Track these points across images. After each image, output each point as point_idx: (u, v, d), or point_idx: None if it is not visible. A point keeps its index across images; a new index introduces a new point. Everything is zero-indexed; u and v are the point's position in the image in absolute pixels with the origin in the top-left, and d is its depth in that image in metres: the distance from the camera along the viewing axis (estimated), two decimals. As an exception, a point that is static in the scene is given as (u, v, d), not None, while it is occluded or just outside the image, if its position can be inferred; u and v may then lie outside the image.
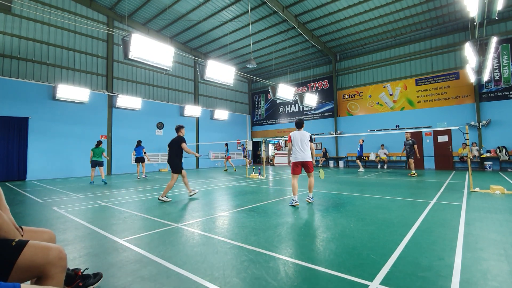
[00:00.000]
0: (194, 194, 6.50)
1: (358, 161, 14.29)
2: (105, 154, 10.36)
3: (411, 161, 10.94)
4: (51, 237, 1.82)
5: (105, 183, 9.81)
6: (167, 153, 16.70)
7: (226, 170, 15.84)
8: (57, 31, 12.98)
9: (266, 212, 4.74)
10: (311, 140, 5.52)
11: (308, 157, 5.33)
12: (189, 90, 19.02)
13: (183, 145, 6.23)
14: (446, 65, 14.53)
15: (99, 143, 10.36)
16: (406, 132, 11.27)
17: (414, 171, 10.87)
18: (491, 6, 5.41)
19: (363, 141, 14.39)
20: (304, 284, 2.16)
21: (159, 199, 6.04)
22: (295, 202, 5.17)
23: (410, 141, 10.92)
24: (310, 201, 5.39)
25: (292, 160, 5.43)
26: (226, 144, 16.16)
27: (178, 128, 6.42)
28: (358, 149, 14.08)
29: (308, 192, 5.50)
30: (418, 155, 10.91)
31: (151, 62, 8.00)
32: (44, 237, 1.76)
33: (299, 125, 5.66)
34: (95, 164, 10.11)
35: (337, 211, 4.74)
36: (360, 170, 13.89)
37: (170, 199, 6.09)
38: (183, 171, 6.43)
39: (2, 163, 11.08)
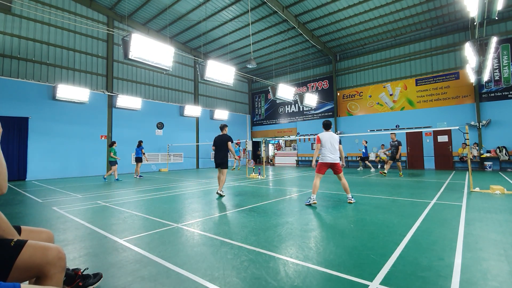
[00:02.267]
0: (222, 194, 6.56)
1: (367, 162, 14.40)
2: (112, 154, 10.85)
3: (389, 162, 11.06)
4: (49, 236, 1.82)
5: (116, 180, 10.72)
6: (166, 153, 16.86)
7: (234, 169, 16.81)
8: (57, 31, 12.98)
9: (266, 212, 4.73)
10: (340, 143, 5.56)
11: (337, 159, 5.39)
12: (189, 90, 19.02)
13: (229, 144, 6.60)
14: (446, 65, 14.53)
15: (111, 143, 11.10)
16: (391, 133, 11.16)
17: (385, 172, 11.05)
18: (491, 6, 5.41)
19: (366, 142, 14.56)
20: (304, 284, 2.16)
21: (217, 193, 6.50)
22: (313, 201, 5.17)
23: (396, 142, 10.92)
24: (352, 201, 5.35)
25: (321, 161, 5.44)
26: (237, 144, 16.99)
27: (223, 127, 6.77)
28: (363, 150, 14.27)
29: (346, 194, 5.50)
30: (397, 156, 10.89)
31: (151, 62, 8.00)
32: (42, 237, 1.76)
33: (328, 126, 5.60)
34: (109, 163, 11.06)
35: (337, 211, 4.74)
36: (372, 170, 14.18)
37: (224, 194, 6.61)
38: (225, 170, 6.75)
39: (2, 163, 11.08)
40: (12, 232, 1.57)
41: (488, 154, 12.91)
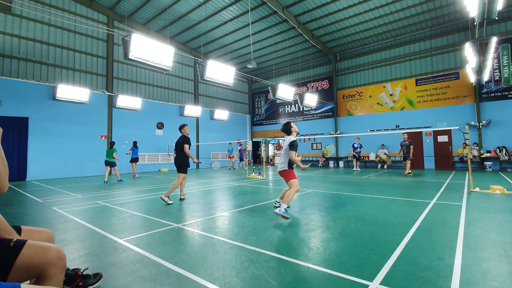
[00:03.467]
0: (166, 201, 5.77)
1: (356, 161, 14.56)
2: (114, 154, 10.59)
3: (408, 161, 11.01)
4: (49, 236, 1.82)
5: (119, 181, 10.50)
6: (166, 153, 16.87)
7: (230, 168, 17.06)
8: (57, 31, 12.98)
9: (266, 212, 4.73)
10: (292, 148, 4.44)
11: (281, 167, 4.67)
12: (189, 90, 19.02)
13: (185, 146, 5.98)
14: (446, 65, 14.53)
15: (111, 144, 10.83)
16: (403, 133, 11.28)
17: (409, 171, 11.02)
18: (491, 6, 5.41)
19: (358, 139, 14.70)
20: (304, 284, 2.16)
21: (161, 197, 5.77)
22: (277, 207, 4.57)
23: (407, 141, 10.98)
24: (278, 211, 4.15)
25: None
26: (230, 144, 17.20)
27: (181, 127, 6.19)
28: (359, 149, 14.29)
29: (281, 200, 4.82)
30: (411, 156, 11.00)
31: (151, 62, 8.01)
32: (42, 237, 1.76)
33: (285, 130, 4.79)
34: (106, 163, 10.57)
35: (337, 211, 4.73)
36: (354, 169, 14.36)
37: (172, 202, 5.74)
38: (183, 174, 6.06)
39: (2, 163, 11.06)
40: (11, 232, 1.57)
41: (488, 154, 12.91)
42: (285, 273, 2.36)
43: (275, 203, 5.00)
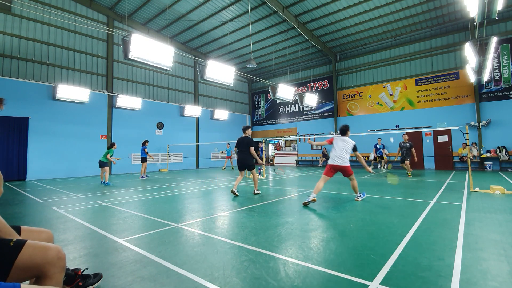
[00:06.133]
0: (258, 193, 6.89)
1: (375, 160, 14.33)
2: (108, 156, 9.98)
3: (407, 162, 10.75)
4: (49, 236, 1.82)
5: (105, 184, 9.56)
6: (166, 153, 16.84)
7: (224, 168, 16.90)
8: (57, 31, 12.98)
9: (266, 212, 4.73)
10: (355, 149, 5.76)
11: (345, 163, 5.58)
12: (189, 90, 19.01)
13: (251, 148, 6.67)
14: (446, 65, 14.53)
15: (110, 145, 10.41)
16: (404, 135, 11.08)
17: (409, 172, 10.82)
18: (491, 6, 5.40)
19: (381, 139, 14.35)
20: (304, 284, 2.16)
21: (254, 193, 6.78)
22: (312, 198, 5.17)
23: (407, 143, 10.73)
24: (359, 199, 5.67)
25: (329, 163, 5.74)
26: (228, 145, 17.00)
27: (246, 129, 6.86)
28: (381, 149, 14.13)
29: (354, 193, 5.90)
30: (415, 159, 10.69)
31: (151, 62, 8.01)
32: (42, 237, 1.76)
33: (343, 132, 5.88)
34: (99, 164, 10.04)
35: (337, 211, 4.74)
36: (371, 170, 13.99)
37: (260, 191, 6.98)
38: (254, 170, 6.89)
39: (2, 163, 11.06)
40: (10, 232, 1.57)
41: (488, 154, 12.91)
42: (285, 273, 2.36)
43: (357, 199, 5.75)
